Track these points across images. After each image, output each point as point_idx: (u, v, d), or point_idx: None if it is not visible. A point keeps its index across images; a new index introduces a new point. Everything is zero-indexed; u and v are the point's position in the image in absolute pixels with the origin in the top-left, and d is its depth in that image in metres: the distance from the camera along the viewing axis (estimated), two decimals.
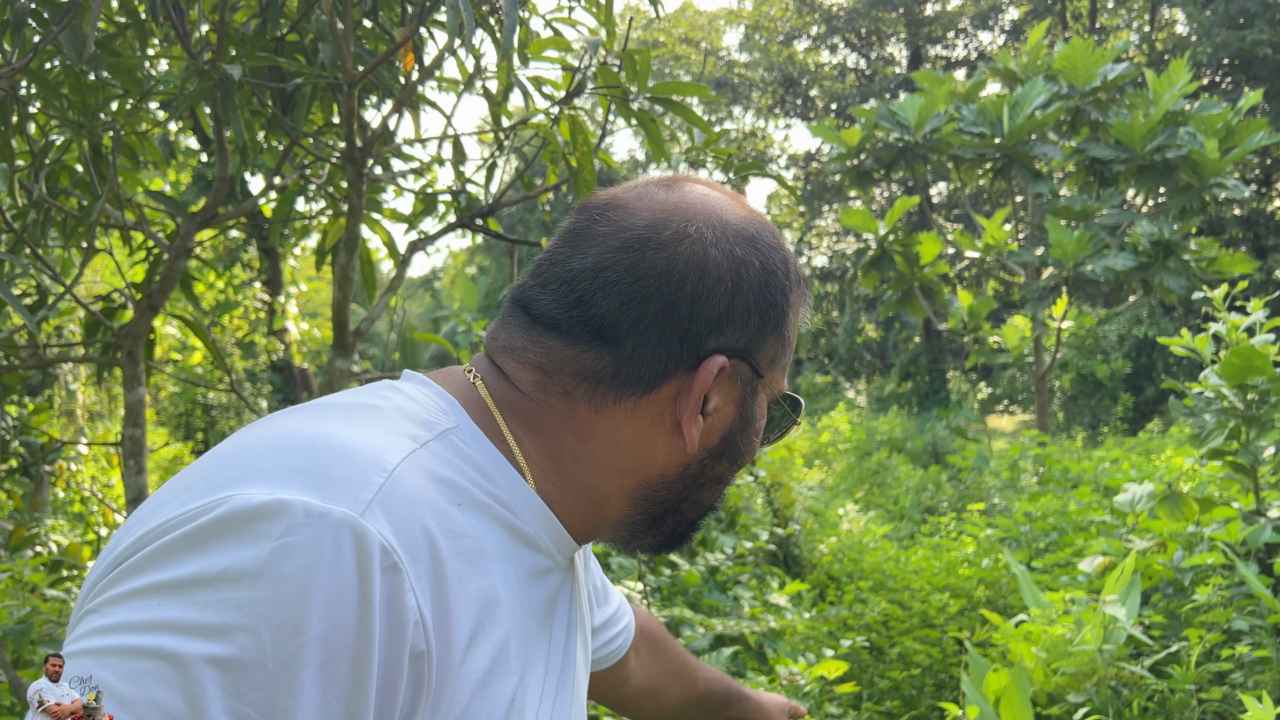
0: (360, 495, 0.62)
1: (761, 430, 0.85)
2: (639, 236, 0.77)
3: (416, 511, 0.65)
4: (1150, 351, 15.53)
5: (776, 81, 27.19)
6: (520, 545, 0.76)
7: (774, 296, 0.81)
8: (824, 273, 24.89)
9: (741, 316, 0.79)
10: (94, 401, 6.69)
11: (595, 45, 2.05)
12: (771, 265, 0.81)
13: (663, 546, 0.87)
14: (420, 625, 0.62)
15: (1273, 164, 19.57)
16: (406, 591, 0.62)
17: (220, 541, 0.59)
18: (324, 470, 0.63)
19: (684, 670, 1.28)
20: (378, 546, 0.61)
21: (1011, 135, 11.43)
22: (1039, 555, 5.12)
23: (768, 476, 4.99)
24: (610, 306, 0.76)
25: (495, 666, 0.69)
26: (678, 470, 0.81)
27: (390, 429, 0.70)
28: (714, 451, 0.81)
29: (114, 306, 2.51)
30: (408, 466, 0.67)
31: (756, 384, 0.82)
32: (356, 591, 0.59)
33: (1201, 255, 11.00)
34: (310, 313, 12.37)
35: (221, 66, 1.76)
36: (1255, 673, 3.00)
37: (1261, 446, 3.64)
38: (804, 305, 0.86)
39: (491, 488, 0.74)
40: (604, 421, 0.78)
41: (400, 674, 0.62)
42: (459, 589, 0.66)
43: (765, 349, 0.81)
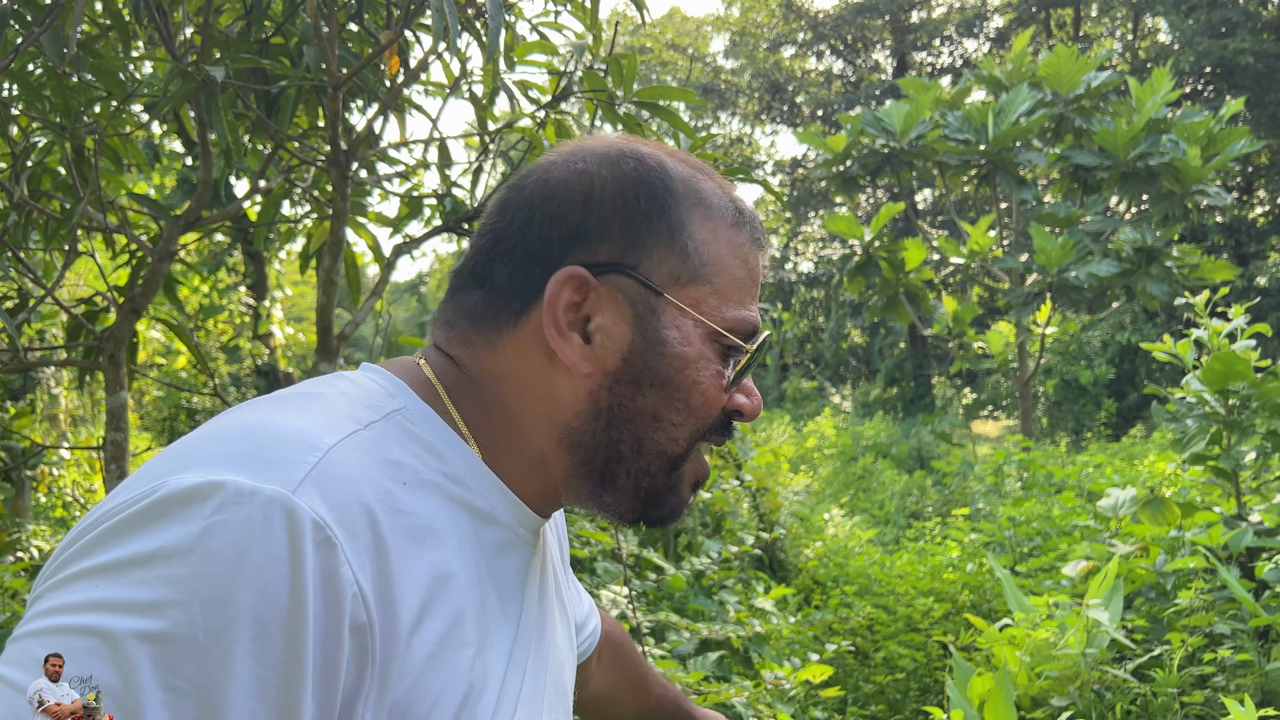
0: (293, 474, 0.64)
1: (699, 362, 0.79)
2: (513, 183, 0.83)
3: (353, 489, 0.66)
4: (1133, 357, 15.63)
5: (763, 88, 27.27)
6: (476, 521, 0.76)
7: (640, 204, 0.79)
8: (810, 278, 24.96)
9: (597, 229, 0.78)
10: (76, 406, 6.65)
11: (581, 50, 2.05)
12: (635, 175, 0.80)
13: (644, 514, 0.83)
14: (359, 598, 0.63)
15: (1254, 171, 19.74)
16: (341, 565, 0.63)
17: (155, 523, 0.61)
18: (258, 453, 0.65)
19: (640, 682, 1.27)
20: (309, 521, 0.62)
21: (996, 142, 11.49)
22: (1023, 560, 5.14)
23: (753, 481, 4.99)
24: (484, 248, 0.82)
25: (448, 639, 0.69)
26: (589, 404, 0.78)
27: (331, 413, 0.72)
28: (619, 376, 0.78)
29: (96, 310, 2.50)
30: (346, 446, 0.68)
31: (656, 303, 0.78)
32: (288, 565, 0.60)
33: (1184, 262, 11.08)
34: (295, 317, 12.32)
35: (205, 68, 1.75)
36: (1237, 676, 3.02)
37: (1243, 451, 3.67)
38: (716, 222, 0.81)
39: (441, 465, 0.75)
40: (502, 363, 0.80)
41: (340, 646, 0.62)
42: (403, 564, 0.67)
43: (653, 264, 0.78)
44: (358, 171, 2.22)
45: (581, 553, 2.92)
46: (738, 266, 0.82)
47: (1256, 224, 19.52)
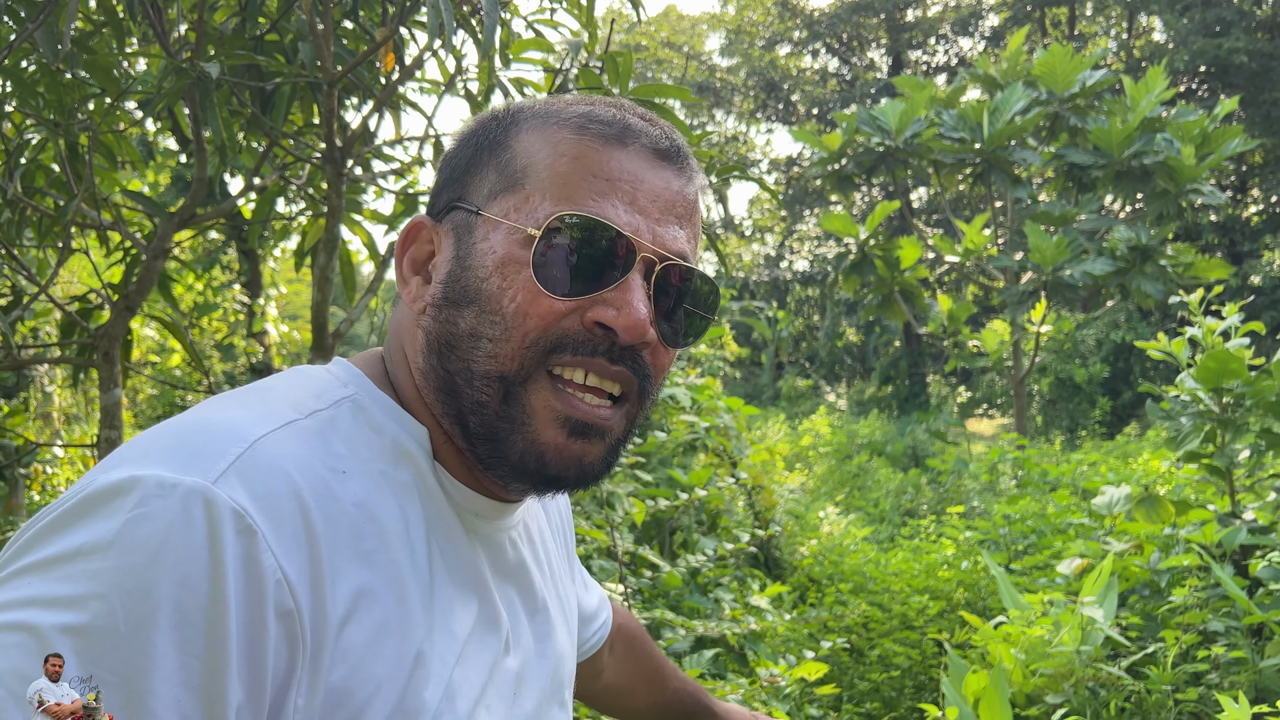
0: (215, 465, 0.64)
1: (509, 264, 0.74)
2: None
3: (281, 477, 0.67)
4: (1128, 356, 15.66)
5: (758, 86, 27.27)
6: (426, 507, 0.76)
7: (473, 139, 0.81)
8: (805, 277, 24.97)
9: (445, 180, 0.82)
10: (70, 404, 6.63)
11: (577, 47, 2.05)
12: (483, 121, 0.83)
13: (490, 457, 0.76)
14: (283, 584, 0.64)
15: (1248, 170, 19.78)
16: (263, 552, 0.63)
17: (80, 520, 0.62)
18: (184, 447, 0.66)
19: (656, 675, 1.26)
20: (228, 510, 0.63)
21: (991, 141, 11.51)
22: (1017, 557, 5.15)
23: (749, 479, 4.99)
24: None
25: (391, 626, 0.69)
26: (424, 339, 0.78)
27: (271, 405, 0.72)
28: (439, 303, 0.77)
29: (90, 307, 2.49)
30: (278, 436, 0.69)
31: (474, 222, 0.77)
32: (207, 554, 0.61)
33: (1178, 260, 11.11)
34: (290, 315, 12.31)
35: (200, 65, 1.74)
36: (1231, 673, 3.03)
37: (1236, 449, 3.68)
38: (548, 129, 0.78)
39: (390, 450, 0.76)
40: (396, 323, 0.84)
41: (265, 631, 0.63)
42: (337, 550, 0.67)
43: (474, 186, 0.80)
44: (353, 169, 2.21)
45: (577, 550, 2.92)
46: (565, 163, 0.76)
47: (1250, 223, 19.57)
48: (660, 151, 0.79)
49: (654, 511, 3.26)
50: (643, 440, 3.83)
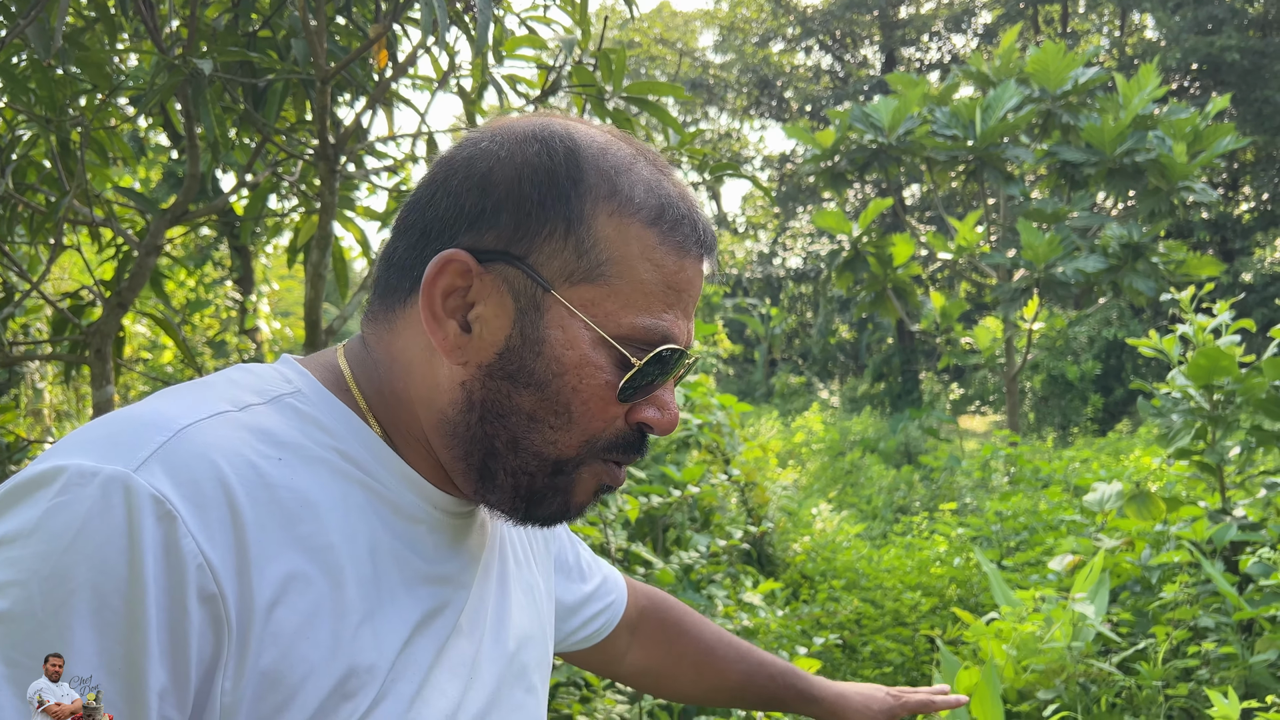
0: (137, 454, 0.66)
1: (586, 368, 0.74)
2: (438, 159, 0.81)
3: (205, 465, 0.67)
4: (1120, 353, 15.70)
5: (751, 83, 27.27)
6: (373, 497, 0.76)
7: (535, 191, 0.74)
8: (798, 274, 24.98)
9: (490, 213, 0.75)
10: (61, 401, 6.61)
11: (570, 44, 2.05)
12: (540, 159, 0.75)
13: (524, 513, 0.80)
14: (205, 568, 0.65)
15: (1239, 168, 19.85)
16: (183, 537, 0.64)
17: (5, 510, 0.65)
18: (110, 436, 0.67)
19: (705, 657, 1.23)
20: (148, 497, 0.64)
21: (984, 138, 11.53)
22: (1010, 554, 5.17)
23: (742, 476, 5.00)
24: (397, 230, 0.81)
25: (323, 610, 0.70)
26: (462, 395, 0.76)
27: (205, 398, 0.73)
28: (493, 372, 0.75)
29: (82, 304, 2.48)
30: (206, 426, 0.70)
31: (542, 299, 0.74)
32: (125, 539, 0.63)
33: (1170, 258, 11.14)
34: (283, 312, 12.28)
35: (192, 61, 1.74)
36: (1221, 669, 3.04)
37: (1227, 446, 3.69)
38: (628, 218, 0.75)
39: (334, 443, 0.75)
40: (396, 342, 0.79)
41: (187, 615, 0.64)
42: (266, 535, 0.68)
43: (545, 257, 0.74)
44: (345, 165, 2.21)
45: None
46: (648, 270, 0.75)
47: (1242, 220, 19.63)
48: (707, 249, 0.80)
49: (647, 508, 3.26)
50: None
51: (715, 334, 10.07)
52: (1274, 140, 18.57)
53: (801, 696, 1.23)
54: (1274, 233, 18.88)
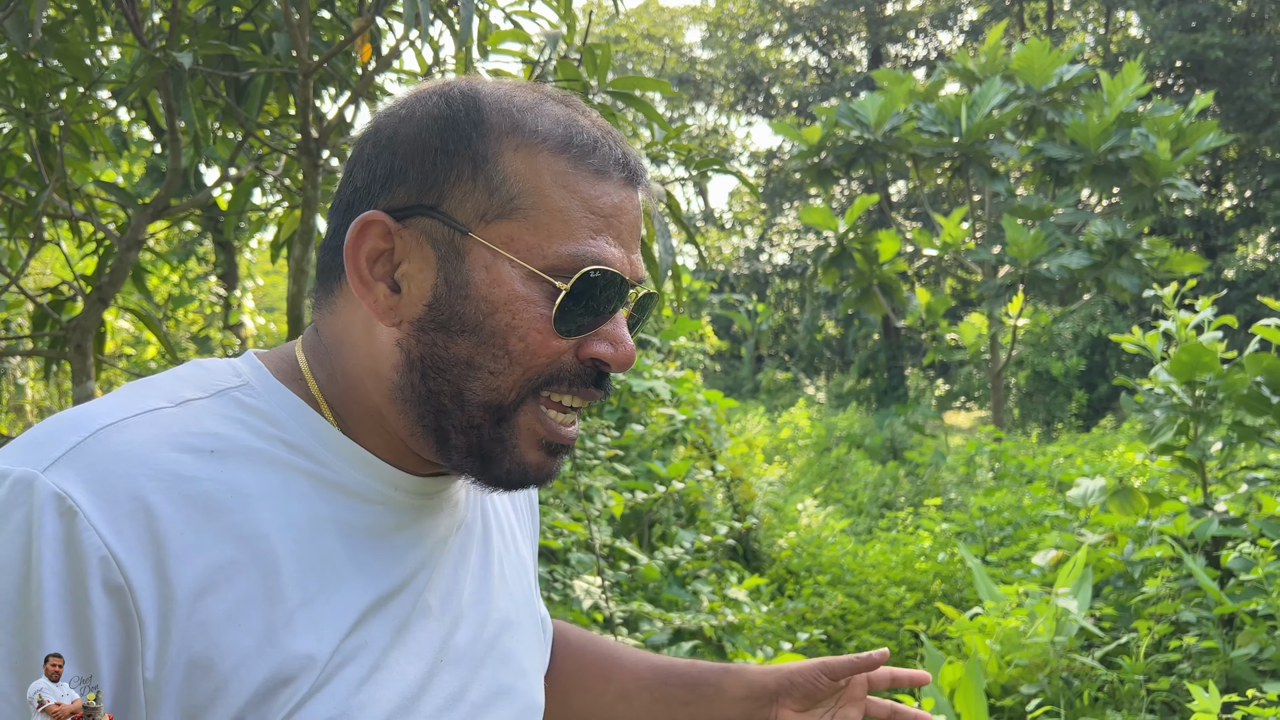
0: (48, 454, 0.68)
1: (515, 303, 0.74)
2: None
3: (116, 462, 0.68)
4: (1104, 349, 15.78)
5: (738, 79, 27.27)
6: (322, 487, 0.76)
7: (437, 140, 0.75)
8: (784, 270, 25.01)
9: (399, 171, 0.76)
10: (43, 397, 6.56)
11: (555, 39, 2.04)
12: (439, 110, 0.76)
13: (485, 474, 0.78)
14: (110, 560, 0.65)
15: (1222, 165, 19.97)
16: (84, 531, 0.65)
17: None
18: (34, 439, 0.70)
19: (613, 666, 1.13)
20: (49, 494, 0.65)
21: (969, 134, 11.56)
22: (994, 549, 5.19)
23: (727, 471, 5.00)
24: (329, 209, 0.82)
25: (254, 597, 0.70)
26: (402, 356, 0.76)
27: (141, 394, 0.74)
28: (424, 324, 0.75)
29: (63, 299, 2.46)
30: (130, 424, 0.71)
31: (463, 243, 0.74)
32: (24, 536, 0.65)
33: (1153, 254, 11.20)
34: (267, 307, 12.22)
35: (173, 55, 1.73)
36: (1202, 663, 3.06)
37: (1209, 442, 3.72)
38: (535, 149, 0.75)
39: (280, 434, 0.76)
40: (337, 321, 0.80)
41: (90, 607, 0.65)
42: (186, 528, 0.69)
43: (455, 200, 0.74)
44: (329, 160, 2.20)
45: (555, 543, 2.92)
46: (563, 197, 0.75)
47: (1224, 217, 19.75)
48: (631, 174, 0.79)
49: (632, 504, 3.26)
50: (621, 433, 3.83)
51: (702, 330, 10.07)
52: (1257, 138, 18.69)
53: (725, 670, 1.11)
54: (1256, 230, 19.01)
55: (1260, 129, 18.69)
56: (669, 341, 5.38)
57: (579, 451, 3.18)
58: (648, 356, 4.52)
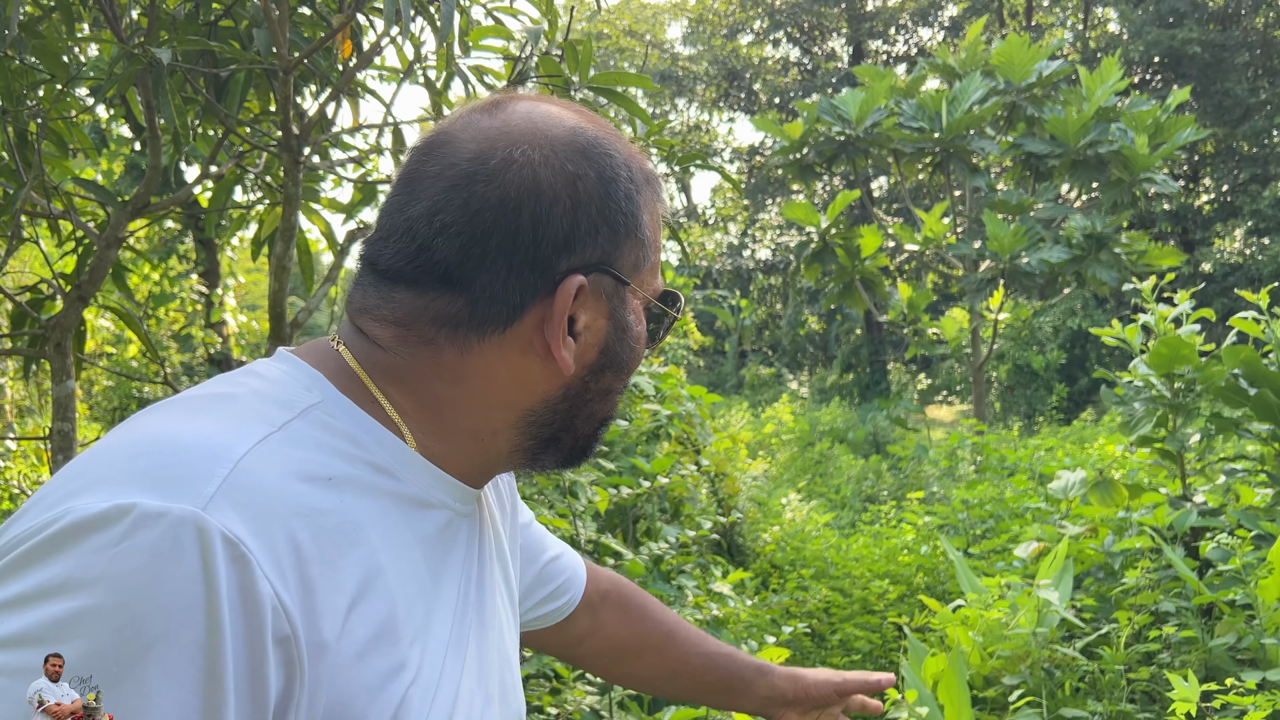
0: (203, 490, 0.62)
1: (643, 335, 0.84)
2: (466, 172, 0.76)
3: (269, 498, 0.65)
4: (1084, 343, 15.89)
5: (720, 75, 27.28)
6: (406, 507, 0.76)
7: (619, 203, 0.79)
8: (767, 266, 25.06)
9: (589, 232, 0.77)
10: (23, 396, 6.52)
11: (537, 34, 2.04)
12: (610, 172, 0.79)
13: (567, 462, 0.86)
14: (279, 610, 0.63)
15: (1200, 160, 20.13)
16: (259, 580, 0.62)
17: (61, 553, 0.59)
18: (167, 469, 0.63)
19: (666, 640, 1.23)
20: (219, 538, 0.61)
21: (950, 130, 11.60)
22: (976, 542, 5.22)
23: (712, 466, 5.01)
24: (452, 249, 0.75)
25: (382, 634, 0.70)
26: (559, 392, 0.81)
27: (242, 416, 0.70)
28: (594, 367, 0.81)
29: (42, 298, 2.44)
30: (259, 453, 0.67)
31: (624, 292, 0.81)
32: (201, 586, 0.60)
33: (1132, 248, 11.28)
34: (249, 305, 12.15)
35: (151, 50, 1.72)
36: (1182, 653, 3.09)
37: (1188, 434, 3.75)
38: (657, 201, 0.84)
39: (365, 455, 0.74)
40: (473, 361, 0.77)
41: (265, 660, 0.62)
42: (326, 567, 0.67)
43: (623, 256, 0.80)
44: (310, 157, 2.19)
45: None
46: (658, 235, 0.84)
47: (1202, 211, 19.91)
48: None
49: (617, 500, 3.27)
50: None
51: (685, 326, 10.08)
52: (1234, 132, 18.85)
53: (759, 670, 1.26)
54: (1233, 224, 19.17)
55: (1237, 124, 18.85)
56: None
57: None
58: None
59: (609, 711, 2.58)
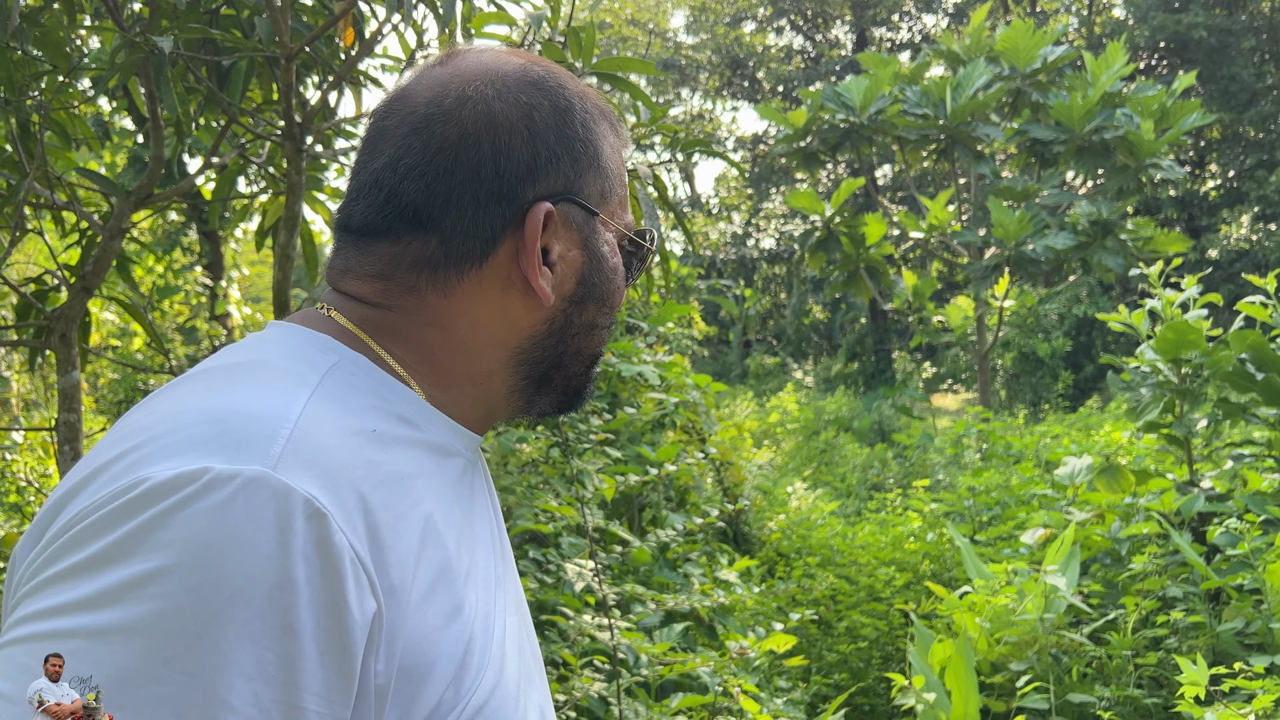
0: (269, 450, 0.64)
1: (619, 268, 0.85)
2: (424, 115, 0.78)
3: (331, 454, 0.66)
4: (1089, 329, 15.85)
5: (723, 63, 27.20)
6: (435, 456, 0.77)
7: (576, 131, 0.81)
8: (771, 254, 25.01)
9: (549, 160, 0.80)
10: (29, 389, 6.53)
11: (539, 20, 2.03)
12: (564, 103, 0.81)
13: (563, 405, 0.88)
14: (356, 561, 0.64)
15: (1206, 145, 20.04)
16: (335, 533, 0.63)
17: (137, 519, 0.61)
18: (229, 433, 0.65)
19: None
20: (297, 497, 0.62)
21: (954, 116, 11.56)
22: (982, 529, 5.22)
23: (717, 455, 5.01)
24: (418, 191, 0.77)
25: (442, 576, 0.71)
26: (544, 326, 0.82)
27: (278, 380, 0.71)
28: (573, 298, 0.82)
29: (47, 289, 2.44)
30: (311, 412, 0.68)
31: (594, 223, 0.83)
32: (275, 544, 0.61)
33: (1138, 235, 11.25)
34: (253, 297, 12.16)
35: (152, 39, 1.71)
36: (1189, 638, 3.09)
37: (1195, 419, 3.74)
38: (616, 137, 0.86)
39: (391, 409, 0.76)
40: (457, 303, 0.79)
41: (348, 611, 0.63)
42: (388, 515, 0.68)
43: (588, 186, 0.82)
44: (313, 145, 2.18)
45: (546, 528, 2.93)
46: (623, 171, 0.86)
47: (1208, 197, 19.83)
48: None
49: (623, 488, 3.27)
50: (612, 416, 3.83)
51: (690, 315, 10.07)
52: (1240, 117, 18.75)
53: None
54: (1240, 209, 19.09)
55: (1243, 109, 18.76)
56: (657, 327, 5.38)
57: (570, 435, 3.18)
58: (638, 340, 4.52)
59: (616, 698, 2.59)
